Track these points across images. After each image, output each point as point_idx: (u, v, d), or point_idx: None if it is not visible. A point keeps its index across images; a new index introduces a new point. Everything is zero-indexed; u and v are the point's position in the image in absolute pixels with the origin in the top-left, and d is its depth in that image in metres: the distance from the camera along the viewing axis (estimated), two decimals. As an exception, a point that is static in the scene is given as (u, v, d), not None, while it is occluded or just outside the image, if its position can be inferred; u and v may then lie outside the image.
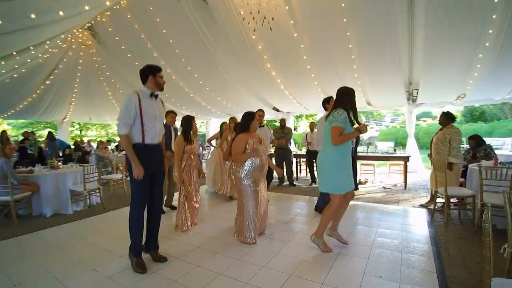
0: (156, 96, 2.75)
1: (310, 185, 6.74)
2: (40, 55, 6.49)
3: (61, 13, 3.29)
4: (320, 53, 6.25)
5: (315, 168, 6.24)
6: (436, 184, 3.90)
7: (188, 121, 3.86)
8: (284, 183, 6.99)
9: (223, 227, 3.89)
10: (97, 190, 5.18)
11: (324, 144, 2.90)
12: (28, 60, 6.10)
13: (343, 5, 4.89)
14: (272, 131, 5.84)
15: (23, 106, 9.63)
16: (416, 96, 7.07)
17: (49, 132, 9.05)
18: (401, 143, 13.33)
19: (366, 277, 2.46)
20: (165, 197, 4.89)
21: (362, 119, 38.16)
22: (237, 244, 3.25)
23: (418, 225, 3.73)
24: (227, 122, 5.55)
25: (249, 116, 3.31)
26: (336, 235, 3.09)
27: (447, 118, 4.20)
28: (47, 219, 4.51)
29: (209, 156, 6.51)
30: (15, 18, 3.01)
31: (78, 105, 11.90)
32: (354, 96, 2.85)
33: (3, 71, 5.81)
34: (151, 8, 6.61)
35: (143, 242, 2.85)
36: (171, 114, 4.51)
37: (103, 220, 4.49)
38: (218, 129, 5.87)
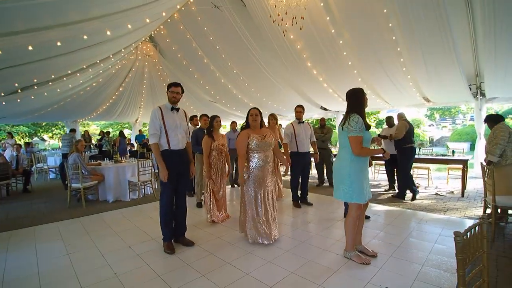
0: (178, 110, 3.16)
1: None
2: (110, 66, 7.78)
3: (108, 33, 4.01)
4: (361, 48, 5.88)
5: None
6: (485, 192, 3.36)
7: (211, 121, 4.18)
8: (324, 184, 6.83)
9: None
10: (149, 182, 5.95)
11: (339, 150, 2.80)
12: (101, 71, 7.42)
13: (381, -6, 4.56)
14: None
15: (102, 110, 11.61)
16: (484, 90, 6.04)
17: (121, 131, 10.68)
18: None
19: (369, 285, 2.33)
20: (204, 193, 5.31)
21: (436, 117, 33.72)
22: (253, 239, 3.38)
23: (458, 237, 3.27)
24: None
25: (247, 114, 3.32)
26: (362, 249, 2.89)
27: (491, 122, 3.82)
28: (109, 204, 5.39)
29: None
30: (72, 40, 3.81)
31: (146, 108, 13.63)
32: (363, 96, 2.68)
33: (81, 81, 7.19)
34: (199, 19, 7.21)
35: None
36: (204, 118, 4.88)
37: (151, 207, 5.13)
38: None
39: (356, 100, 2.65)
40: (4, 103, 6.47)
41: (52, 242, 3.48)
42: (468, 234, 1.39)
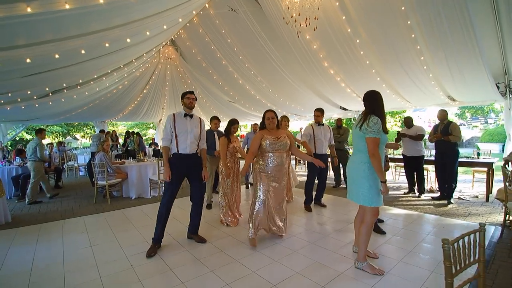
0: (191, 116, 3.33)
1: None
2: (134, 70, 8.20)
3: (128, 40, 4.28)
4: (379, 47, 5.71)
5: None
6: (506, 197, 3.19)
7: (229, 125, 4.29)
8: (341, 185, 6.76)
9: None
10: (168, 181, 6.21)
11: (354, 152, 2.73)
12: (125, 75, 7.87)
13: (398, -9, 4.42)
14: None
15: (128, 111, 12.23)
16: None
17: (137, 133, 11.19)
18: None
19: (373, 288, 2.32)
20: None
21: (467, 116, 31.69)
22: (263, 238, 3.46)
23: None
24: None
25: (262, 117, 3.41)
26: None
27: None
28: (132, 201, 5.70)
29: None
30: (95, 48, 4.12)
31: (169, 109, 14.10)
32: (382, 99, 2.61)
33: (107, 84, 7.66)
34: (217, 22, 7.39)
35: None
36: (215, 121, 4.99)
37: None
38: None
39: (375, 102, 2.58)
40: (37, 105, 7.07)
41: (78, 235, 3.78)
42: (461, 241, 1.38)
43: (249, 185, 6.91)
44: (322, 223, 4.09)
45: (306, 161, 6.44)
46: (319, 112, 4.83)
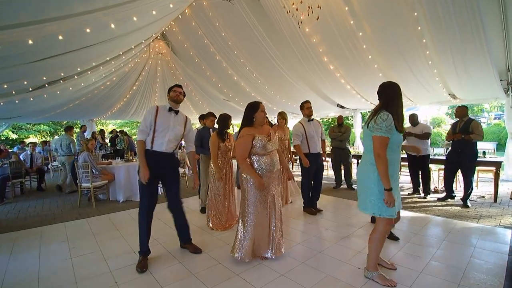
0: (177, 112, 2.96)
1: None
2: (122, 65, 7.74)
3: (112, 25, 3.81)
4: (382, 41, 5.46)
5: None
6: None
7: (224, 120, 3.90)
8: (341, 186, 6.48)
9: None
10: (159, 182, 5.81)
11: (364, 153, 2.41)
12: (113, 70, 7.40)
13: (406, -18, 4.16)
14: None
15: (117, 109, 11.71)
16: (516, 86, 5.51)
17: (125, 132, 10.74)
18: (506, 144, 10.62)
19: (397, 307, 2.03)
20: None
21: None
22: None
23: (496, 250, 2.88)
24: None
25: (251, 108, 2.75)
26: (379, 261, 2.53)
27: None
28: (119, 204, 5.28)
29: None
30: (75, 34, 3.64)
31: (160, 107, 13.66)
32: (401, 92, 2.28)
33: (93, 80, 7.18)
34: (210, 14, 7.00)
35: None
36: (211, 118, 4.60)
37: (160, 209, 4.88)
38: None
39: (391, 95, 2.23)
40: (17, 101, 6.53)
41: (57, 244, 3.37)
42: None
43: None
44: (326, 228, 3.78)
45: (299, 161, 6.12)
46: (310, 103, 4.35)
